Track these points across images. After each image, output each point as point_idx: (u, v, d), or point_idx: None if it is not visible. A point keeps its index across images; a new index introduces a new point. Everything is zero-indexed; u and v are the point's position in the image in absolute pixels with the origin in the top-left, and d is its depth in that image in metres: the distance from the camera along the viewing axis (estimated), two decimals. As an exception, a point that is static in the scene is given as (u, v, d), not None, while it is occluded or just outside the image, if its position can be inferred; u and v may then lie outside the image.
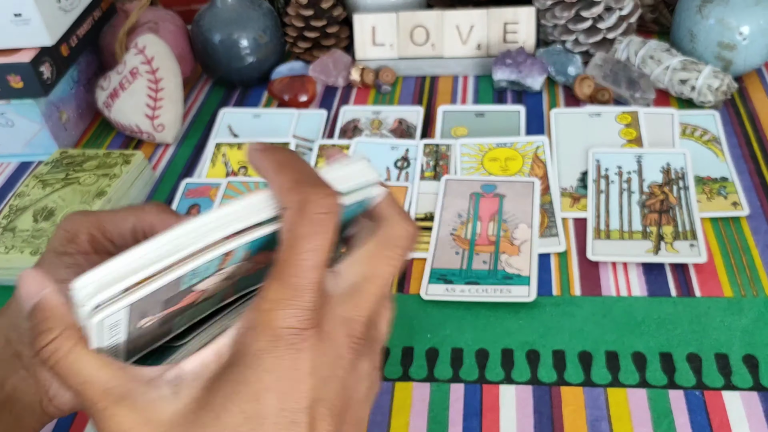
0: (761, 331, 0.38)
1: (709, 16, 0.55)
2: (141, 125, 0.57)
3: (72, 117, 0.61)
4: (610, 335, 0.39)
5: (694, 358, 0.37)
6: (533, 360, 0.38)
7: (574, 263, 0.43)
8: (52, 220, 0.47)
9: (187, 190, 0.52)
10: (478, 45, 0.62)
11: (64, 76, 0.59)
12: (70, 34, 0.59)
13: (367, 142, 0.55)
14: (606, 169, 0.49)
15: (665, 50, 0.57)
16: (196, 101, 0.65)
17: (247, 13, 0.62)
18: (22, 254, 0.45)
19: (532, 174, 0.49)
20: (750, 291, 0.40)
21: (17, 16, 0.54)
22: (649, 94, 0.55)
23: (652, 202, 0.46)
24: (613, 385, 0.36)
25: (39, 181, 0.51)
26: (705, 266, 0.42)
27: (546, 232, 0.45)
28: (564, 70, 0.59)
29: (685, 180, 0.47)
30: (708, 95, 0.54)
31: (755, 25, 0.54)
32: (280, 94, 0.61)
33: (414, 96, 0.62)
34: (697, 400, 0.35)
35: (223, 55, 0.62)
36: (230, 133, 0.59)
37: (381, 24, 0.62)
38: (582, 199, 0.47)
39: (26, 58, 0.54)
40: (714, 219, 0.45)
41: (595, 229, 0.45)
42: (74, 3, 0.59)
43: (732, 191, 0.47)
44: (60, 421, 0.37)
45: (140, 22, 0.62)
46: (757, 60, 0.56)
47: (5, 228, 0.47)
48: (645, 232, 0.44)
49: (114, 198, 0.49)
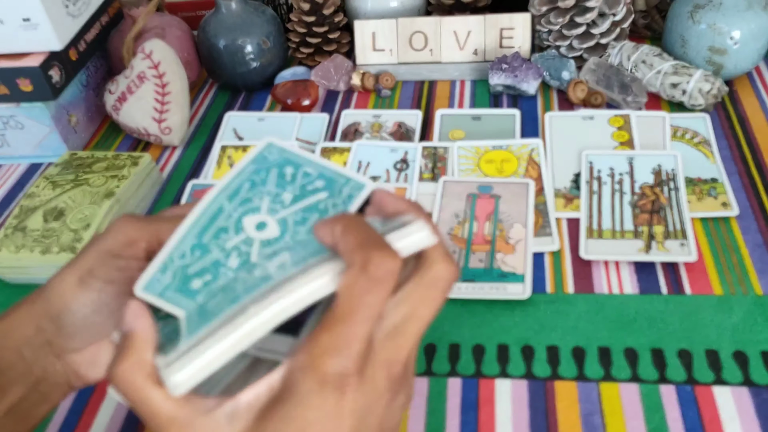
0: (750, 328, 0.39)
1: (701, 21, 0.57)
2: (148, 128, 0.59)
3: (81, 120, 0.62)
4: (602, 332, 0.40)
5: (685, 354, 0.38)
6: (528, 355, 0.39)
7: (568, 262, 0.44)
8: (62, 220, 0.48)
9: (193, 190, 0.54)
10: (475, 50, 0.64)
11: (73, 80, 0.60)
12: (79, 38, 0.60)
13: (367, 144, 0.56)
14: (599, 171, 0.50)
15: (657, 55, 0.58)
16: (201, 105, 0.66)
17: (251, 19, 0.63)
18: (32, 253, 0.46)
19: (527, 175, 0.51)
20: (739, 289, 0.41)
21: (26, 20, 0.55)
22: (641, 98, 0.56)
23: (643, 202, 0.47)
24: (605, 379, 0.37)
25: (49, 182, 0.52)
26: (695, 265, 0.43)
27: (540, 231, 0.46)
28: (558, 74, 0.60)
29: (675, 181, 0.48)
30: (699, 99, 0.56)
31: (746, 30, 0.55)
32: (283, 98, 0.62)
33: (413, 100, 0.63)
34: (687, 394, 0.36)
35: (228, 60, 0.63)
36: (235, 135, 0.60)
37: (381, 30, 0.64)
38: (575, 200, 0.49)
39: (35, 63, 0.55)
40: (704, 219, 0.46)
41: (588, 229, 0.46)
42: (82, 8, 0.61)
43: (722, 192, 0.48)
44: (76, 398, 0.39)
45: (147, 27, 0.63)
46: (748, 64, 0.58)
47: (16, 228, 0.48)
48: (636, 231, 0.45)
49: (122, 199, 0.51)
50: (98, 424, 0.38)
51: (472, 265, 0.44)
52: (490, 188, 0.49)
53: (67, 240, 0.47)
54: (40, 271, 0.46)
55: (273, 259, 0.25)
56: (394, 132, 0.58)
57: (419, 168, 0.53)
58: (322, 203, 0.27)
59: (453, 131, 0.57)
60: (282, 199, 0.27)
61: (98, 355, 0.29)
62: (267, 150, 0.29)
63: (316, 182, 0.27)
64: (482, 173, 0.51)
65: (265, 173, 0.28)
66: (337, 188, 0.27)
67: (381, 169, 0.53)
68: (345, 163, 0.54)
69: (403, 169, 0.53)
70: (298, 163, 0.28)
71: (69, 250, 0.46)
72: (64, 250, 0.46)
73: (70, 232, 0.47)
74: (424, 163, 0.53)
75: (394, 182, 0.52)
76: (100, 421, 0.38)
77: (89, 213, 0.49)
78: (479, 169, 0.51)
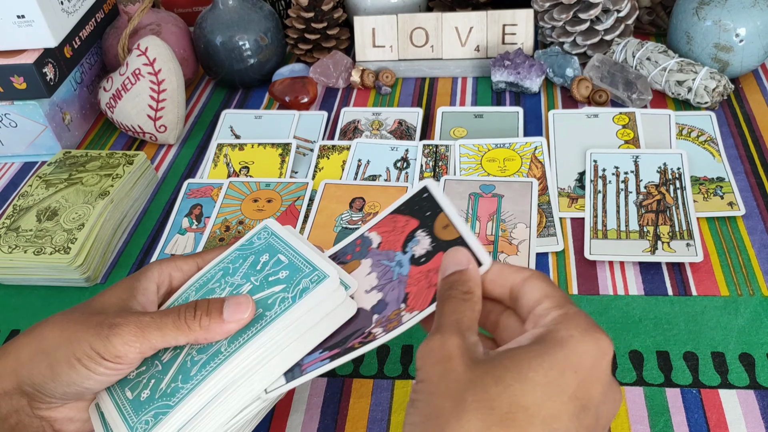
0: (757, 330, 0.38)
1: (706, 18, 0.56)
2: (143, 126, 0.58)
3: (75, 118, 0.61)
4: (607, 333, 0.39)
5: (691, 356, 0.37)
6: (531, 358, 0.38)
7: (572, 263, 0.44)
8: (55, 220, 0.48)
9: (189, 190, 0.53)
10: (477, 47, 0.63)
11: (67, 78, 0.59)
12: (73, 35, 0.60)
13: (367, 143, 0.55)
14: (603, 170, 0.49)
15: (662, 52, 0.58)
16: (198, 102, 0.65)
17: (248, 15, 0.62)
18: (25, 254, 0.45)
19: (530, 174, 0.50)
20: (746, 290, 0.41)
21: (20, 17, 0.54)
22: (646, 96, 0.56)
23: (648, 202, 0.46)
24: (610, 382, 0.37)
25: (42, 181, 0.52)
26: (701, 265, 0.42)
27: (544, 231, 0.45)
28: (562, 71, 0.60)
29: (681, 180, 0.47)
30: (704, 96, 0.55)
31: (752, 27, 0.55)
32: (281, 95, 0.62)
33: (413, 97, 0.62)
34: (693, 398, 0.35)
35: (225, 56, 0.62)
36: (232, 134, 0.60)
37: (381, 26, 0.63)
38: (579, 199, 0.48)
39: (29, 60, 0.54)
40: (710, 219, 0.46)
41: (593, 229, 0.45)
42: (77, 5, 0.60)
43: (728, 191, 0.47)
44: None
45: (143, 24, 0.63)
46: (754, 61, 0.57)
47: (9, 228, 0.48)
48: (642, 231, 0.44)
49: (117, 198, 0.50)
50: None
51: (474, 266, 0.43)
52: (492, 187, 0.48)
53: (61, 240, 0.46)
54: (34, 271, 0.46)
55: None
56: (395, 130, 0.57)
57: (420, 167, 0.52)
58: (272, 297, 0.29)
59: (454, 129, 0.56)
60: (240, 291, 0.30)
61: (76, 412, 0.29)
62: (259, 234, 0.32)
63: (281, 273, 0.30)
64: (484, 172, 0.50)
65: (242, 261, 0.32)
66: (296, 280, 0.29)
67: (381, 167, 0.53)
68: (344, 162, 0.54)
69: (403, 168, 0.52)
70: (277, 250, 0.31)
71: (62, 251, 0.45)
72: (57, 251, 0.45)
73: (64, 232, 0.47)
74: (425, 162, 0.52)
75: (394, 181, 0.51)
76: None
77: (83, 212, 0.48)
78: (481, 168, 0.51)
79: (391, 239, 0.31)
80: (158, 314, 0.28)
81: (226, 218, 0.49)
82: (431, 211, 0.31)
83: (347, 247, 0.33)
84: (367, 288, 0.30)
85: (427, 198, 0.31)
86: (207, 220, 0.50)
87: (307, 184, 0.51)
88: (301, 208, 0.49)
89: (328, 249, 0.34)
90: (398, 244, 0.31)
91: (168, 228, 0.50)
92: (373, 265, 0.31)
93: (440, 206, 0.30)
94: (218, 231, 0.48)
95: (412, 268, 0.30)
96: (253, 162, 0.55)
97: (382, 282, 0.30)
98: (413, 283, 0.29)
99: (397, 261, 0.30)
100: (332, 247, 0.34)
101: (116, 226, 0.50)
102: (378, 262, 0.31)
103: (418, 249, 0.30)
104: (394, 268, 0.30)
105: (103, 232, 0.48)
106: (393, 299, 0.29)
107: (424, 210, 0.31)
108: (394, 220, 0.32)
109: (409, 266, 0.30)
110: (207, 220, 0.50)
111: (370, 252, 0.32)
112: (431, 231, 0.30)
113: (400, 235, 0.31)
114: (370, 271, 0.31)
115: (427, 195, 0.31)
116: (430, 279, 0.29)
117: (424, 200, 0.31)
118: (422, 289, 0.29)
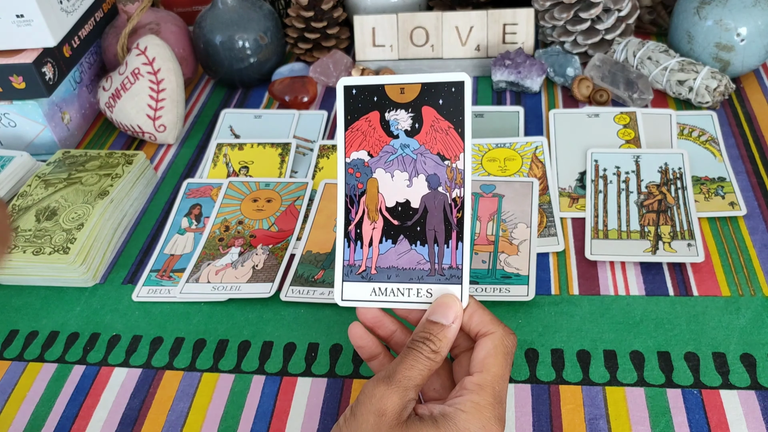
0: (758, 331, 0.38)
1: (707, 18, 0.56)
2: (143, 126, 0.58)
3: (74, 117, 0.61)
4: (608, 334, 0.39)
5: (692, 357, 0.37)
6: (532, 359, 0.38)
7: (573, 263, 0.44)
8: (54, 220, 0.48)
9: (188, 190, 0.53)
10: (478, 46, 0.63)
11: (66, 77, 0.59)
12: (72, 35, 0.59)
13: (367, 142, 0.55)
14: (604, 170, 0.49)
15: (663, 51, 0.57)
16: (197, 102, 0.65)
17: (248, 15, 0.62)
18: (24, 254, 0.45)
19: (531, 174, 0.50)
20: (747, 290, 0.41)
21: (19, 17, 0.54)
22: (647, 95, 0.56)
23: (650, 202, 0.46)
24: (611, 383, 0.36)
25: (42, 181, 0.51)
26: (702, 266, 0.42)
27: (544, 231, 0.45)
28: (563, 71, 0.59)
29: (682, 180, 0.47)
30: (706, 96, 0.55)
31: (753, 27, 0.54)
32: (280, 94, 0.61)
33: (414, 97, 0.62)
34: (694, 398, 0.35)
35: (225, 56, 0.62)
36: (231, 133, 0.59)
37: (381, 25, 0.63)
38: (580, 199, 0.48)
39: (29, 59, 0.54)
40: (711, 219, 0.45)
41: (594, 229, 0.45)
42: (76, 4, 0.60)
43: (729, 191, 0.47)
44: (69, 402, 0.38)
45: (142, 23, 0.62)
46: (755, 61, 0.57)
47: (8, 228, 0.47)
48: (643, 231, 0.44)
49: (116, 198, 0.50)
50: (92, 428, 0.37)
51: (475, 266, 0.43)
52: (493, 187, 0.48)
53: (60, 240, 0.46)
54: (33, 272, 0.46)
55: None
56: (395, 129, 0.57)
57: (420, 166, 0.52)
58: None
59: (454, 129, 0.56)
60: None
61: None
62: None
63: None
64: (485, 172, 0.50)
65: None
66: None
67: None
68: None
69: (403, 168, 0.52)
70: None
71: (62, 251, 0.45)
72: (56, 251, 0.45)
73: (63, 232, 0.47)
74: (425, 162, 0.52)
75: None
76: (94, 426, 0.37)
77: (82, 212, 0.48)
78: (482, 168, 0.51)
79: (371, 142, 0.32)
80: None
81: (226, 218, 0.49)
82: (376, 97, 0.31)
83: (351, 188, 0.32)
84: (409, 183, 0.31)
85: (357, 96, 0.31)
86: (206, 219, 0.50)
87: (306, 183, 0.51)
88: (300, 208, 0.49)
89: (329, 249, 0.34)
90: (383, 138, 0.31)
91: (167, 228, 0.50)
92: (387, 168, 0.32)
93: (378, 85, 0.31)
94: (218, 231, 0.48)
95: (416, 138, 0.31)
96: (252, 162, 0.55)
97: (410, 168, 0.31)
98: (430, 142, 0.31)
99: (399, 145, 0.31)
100: (339, 210, 0.33)
101: (116, 226, 0.50)
102: (388, 162, 0.31)
103: (402, 123, 0.31)
104: (404, 151, 0.31)
105: (103, 232, 0.48)
106: (432, 166, 0.30)
107: (367, 104, 0.31)
108: (353, 130, 0.32)
109: (411, 139, 0.31)
110: (206, 220, 0.50)
111: (371, 164, 0.32)
112: (393, 103, 0.31)
113: (374, 131, 0.31)
114: (392, 174, 0.31)
115: (355, 92, 0.31)
116: (438, 126, 0.30)
117: (358, 100, 0.31)
118: (442, 139, 0.30)
